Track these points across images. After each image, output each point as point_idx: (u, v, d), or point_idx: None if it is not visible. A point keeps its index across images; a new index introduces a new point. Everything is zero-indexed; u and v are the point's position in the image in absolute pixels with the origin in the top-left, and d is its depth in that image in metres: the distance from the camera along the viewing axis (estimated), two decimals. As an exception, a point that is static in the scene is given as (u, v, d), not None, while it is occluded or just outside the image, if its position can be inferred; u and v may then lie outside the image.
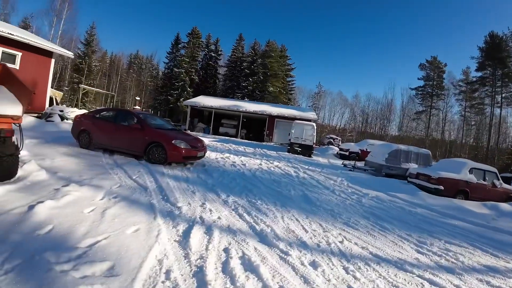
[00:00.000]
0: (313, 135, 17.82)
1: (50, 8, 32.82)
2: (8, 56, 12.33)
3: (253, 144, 20.10)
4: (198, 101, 29.57)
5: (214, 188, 5.50)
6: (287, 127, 24.83)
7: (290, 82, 51.82)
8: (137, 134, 7.49)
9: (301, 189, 6.72)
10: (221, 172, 7.38)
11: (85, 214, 3.53)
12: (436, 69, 44.03)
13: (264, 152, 14.91)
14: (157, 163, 7.15)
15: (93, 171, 5.79)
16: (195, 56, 48.25)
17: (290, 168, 10.22)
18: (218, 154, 11.03)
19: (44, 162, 5.97)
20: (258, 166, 9.36)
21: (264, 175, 7.81)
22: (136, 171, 6.20)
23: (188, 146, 7.31)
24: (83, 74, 39.52)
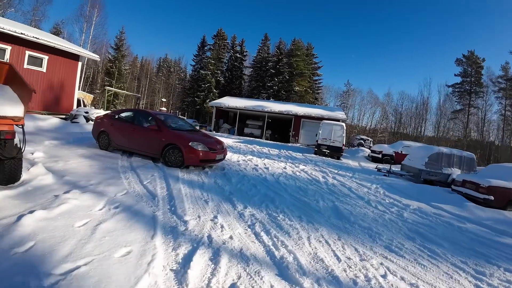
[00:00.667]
0: (343, 136, 16.62)
1: (80, 14, 34.35)
2: (35, 59, 12.70)
3: (278, 145, 19.29)
4: (223, 102, 29.37)
5: (230, 197, 4.83)
6: (314, 128, 23.73)
7: (317, 81, 50.18)
8: (154, 136, 7.09)
9: (331, 199, 5.83)
10: (241, 177, 6.71)
11: (75, 228, 3.02)
12: (474, 65, 40.08)
13: (289, 154, 14.06)
14: (173, 166, 6.69)
15: (104, 175, 5.40)
16: (221, 57, 48.50)
17: (318, 172, 9.30)
18: (241, 156, 10.41)
19: (56, 165, 5.72)
20: (282, 170, 8.57)
21: (288, 181, 7.01)
22: (149, 175, 5.73)
23: (206, 149, 6.75)
24: (113, 77, 41.15)
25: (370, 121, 55.60)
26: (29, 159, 5.84)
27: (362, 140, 28.23)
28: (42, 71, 13.05)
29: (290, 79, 44.57)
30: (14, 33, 11.26)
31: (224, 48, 49.45)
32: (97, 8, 34.20)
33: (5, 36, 11.26)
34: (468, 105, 39.97)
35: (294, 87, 43.99)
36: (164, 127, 7.19)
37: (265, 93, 44.99)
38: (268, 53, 49.09)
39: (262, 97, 43.97)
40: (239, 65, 49.89)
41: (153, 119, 7.52)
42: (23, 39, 11.75)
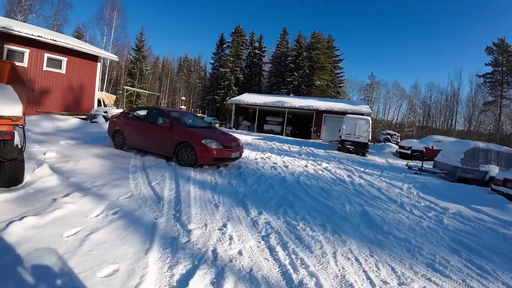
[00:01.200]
0: (368, 131, 15.55)
1: (100, 18, 35.25)
2: (54, 61, 12.89)
3: (299, 142, 18.56)
4: (242, 99, 28.96)
5: (244, 200, 4.31)
6: (337, 123, 22.67)
7: (339, 75, 48.35)
8: (166, 133, 6.75)
9: (358, 202, 5.14)
10: (257, 176, 6.17)
11: (63, 239, 2.65)
12: (505, 53, 36.50)
13: (311, 151, 13.32)
14: (187, 165, 6.31)
15: (112, 175, 5.11)
16: (240, 54, 48.14)
17: (342, 171, 8.55)
18: (259, 154, 9.88)
19: (66, 165, 5.53)
20: (303, 169, 7.93)
21: (310, 181, 6.38)
22: (159, 175, 5.37)
23: (220, 146, 6.28)
24: (135, 78, 42.10)
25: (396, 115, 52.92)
26: (39, 160, 5.71)
27: (389, 135, 26.64)
28: (62, 73, 13.24)
29: (310, 73, 43.29)
30: (31, 36, 11.44)
31: (242, 45, 49.00)
32: (116, 11, 35.02)
33: (23, 39, 11.47)
34: (500, 96, 36.65)
35: (315, 81, 42.67)
36: (176, 124, 6.83)
37: (285, 88, 44.08)
38: (287, 48, 48.01)
39: (282, 92, 43.11)
40: (258, 61, 49.25)
41: (165, 117, 7.19)
42: (40, 41, 11.93)
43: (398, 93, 52.80)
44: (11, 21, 13.61)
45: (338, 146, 15.91)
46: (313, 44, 44.10)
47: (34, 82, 12.25)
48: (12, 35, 11.03)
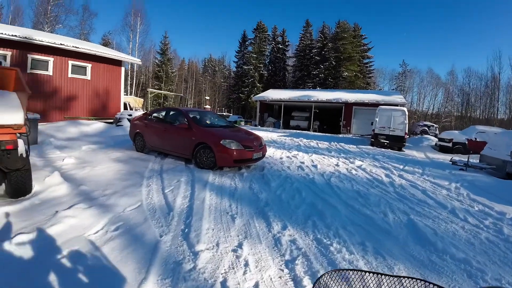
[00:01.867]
0: (404, 123, 14.13)
1: (125, 24, 36.63)
2: (79, 68, 13.22)
3: (328, 137, 17.52)
4: (266, 95, 28.33)
5: (266, 210, 3.69)
6: (369, 115, 21.26)
7: (368, 64, 45.77)
8: (184, 134, 6.37)
9: (403, 209, 4.29)
10: (283, 179, 5.52)
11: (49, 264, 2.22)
12: None
13: (341, 147, 12.36)
14: (205, 168, 5.86)
15: (125, 182, 4.78)
16: (263, 50, 47.45)
17: (379, 169, 7.61)
18: (285, 152, 9.21)
19: (80, 172, 5.32)
20: (334, 168, 7.13)
21: (342, 183, 5.60)
22: (175, 180, 4.95)
23: (241, 147, 5.74)
24: (162, 80, 43.17)
25: (431, 104, 49.11)
26: (56, 166, 5.58)
27: (426, 127, 24.44)
28: (87, 79, 13.57)
29: (337, 64, 41.43)
30: (54, 45, 11.76)
31: (265, 40, 48.22)
32: (139, 16, 36.11)
33: (46, 48, 11.84)
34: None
35: (343, 72, 40.75)
36: (194, 124, 6.41)
37: (311, 82, 42.66)
38: (311, 40, 46.41)
39: (307, 86, 41.78)
40: (282, 56, 48.22)
41: (183, 117, 6.80)
42: (64, 49, 12.26)
43: (433, 81, 49.00)
44: (33, 31, 14.18)
45: (371, 140, 14.70)
46: (338, 34, 42.14)
47: (60, 90, 12.65)
48: (35, 44, 11.40)
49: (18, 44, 11.07)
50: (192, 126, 6.35)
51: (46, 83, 12.23)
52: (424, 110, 49.40)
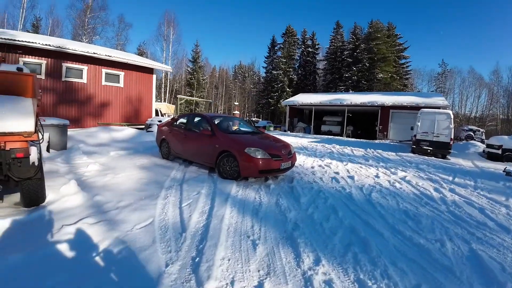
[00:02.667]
0: (450, 128, 12.59)
1: (158, 34, 38.29)
2: (112, 76, 13.63)
3: (363, 143, 16.32)
4: (296, 100, 27.59)
5: (294, 235, 3.05)
6: (407, 119, 19.70)
7: (404, 65, 43.09)
8: (207, 142, 5.96)
9: (461, 234, 3.41)
10: (314, 193, 4.83)
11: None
12: None
13: (379, 155, 11.26)
14: (229, 178, 5.38)
15: (143, 192, 4.45)
16: (292, 55, 46.80)
17: (426, 182, 6.58)
18: (316, 160, 8.47)
19: (101, 179, 5.13)
20: (374, 180, 6.26)
21: (386, 200, 4.76)
22: (195, 192, 4.51)
23: (267, 156, 5.16)
24: (193, 87, 44.23)
25: (474, 107, 44.80)
26: (78, 173, 5.46)
27: (471, 132, 22.00)
28: (120, 86, 13.96)
29: (371, 66, 39.43)
30: (87, 54, 12.20)
31: (294, 44, 47.55)
32: (172, 26, 37.43)
33: (80, 57, 12.33)
34: None
35: (377, 74, 38.68)
36: (218, 131, 5.97)
37: (343, 85, 41.04)
38: (343, 42, 44.82)
39: (339, 90, 40.24)
40: (312, 59, 47.14)
41: (206, 123, 6.42)
42: (97, 58, 12.71)
43: (476, 82, 45.00)
44: (66, 41, 14.94)
45: (413, 147, 13.31)
46: (371, 34, 40.20)
47: (93, 97, 13.10)
48: (69, 53, 11.89)
49: (53, 53, 11.59)
50: (216, 132, 5.92)
51: (80, 91, 12.71)
52: (467, 113, 45.43)
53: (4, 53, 10.65)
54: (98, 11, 30.64)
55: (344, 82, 41.17)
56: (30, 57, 11.30)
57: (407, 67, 43.61)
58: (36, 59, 11.48)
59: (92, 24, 30.32)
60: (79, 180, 5.09)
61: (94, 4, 30.29)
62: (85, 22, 29.34)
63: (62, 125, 8.20)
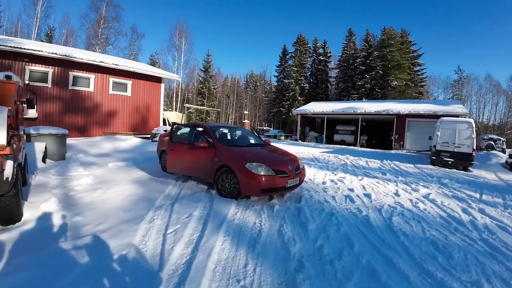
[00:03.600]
0: (472, 137, 11.64)
1: (170, 44, 38.87)
2: (119, 85, 13.45)
3: (378, 154, 15.41)
4: (308, 108, 26.91)
5: (297, 278, 2.39)
6: (425, 128, 18.70)
7: (419, 72, 41.74)
8: (205, 155, 5.37)
9: (498, 272, 2.71)
10: (325, 216, 4.14)
11: None
12: None
13: (397, 167, 10.40)
14: (228, 196, 4.79)
15: (129, 213, 3.95)
16: (303, 63, 46.36)
17: (451, 200, 5.75)
18: (328, 174, 7.77)
19: (91, 195, 4.76)
20: (394, 199, 5.50)
21: (409, 226, 4.01)
22: (186, 214, 3.95)
23: (271, 172, 4.54)
24: (204, 96, 44.29)
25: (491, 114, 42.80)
26: (67, 187, 5.10)
27: (492, 141, 20.60)
28: (127, 95, 13.77)
29: (384, 73, 38.42)
30: (94, 62, 12.05)
31: (305, 53, 47.13)
32: (183, 36, 37.93)
33: (87, 65, 12.19)
34: None
35: (391, 82, 37.58)
36: (217, 142, 5.39)
37: (356, 93, 40.07)
38: (355, 49, 44.00)
39: (352, 98, 39.31)
40: (324, 67, 46.47)
41: (205, 133, 5.88)
42: (104, 67, 12.56)
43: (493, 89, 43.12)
44: (73, 50, 14.92)
45: (432, 158, 12.37)
46: (384, 42, 39.34)
47: (100, 106, 12.90)
48: (76, 62, 11.75)
49: (60, 61, 11.48)
50: (215, 144, 5.33)
51: (87, 99, 12.55)
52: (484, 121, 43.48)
53: (11, 61, 10.64)
54: (111, 21, 31.29)
55: (357, 90, 40.20)
56: (37, 65, 11.22)
57: (422, 74, 42.26)
58: (43, 67, 11.39)
59: (106, 34, 30.91)
60: (66, 196, 4.71)
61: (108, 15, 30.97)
62: (98, 32, 29.92)
63: (60, 134, 7.91)
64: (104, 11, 30.57)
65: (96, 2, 30.56)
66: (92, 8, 30.57)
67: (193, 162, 5.66)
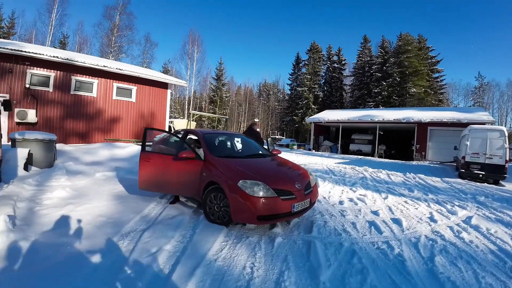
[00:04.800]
0: (505, 147, 10.26)
1: (183, 53, 38.84)
2: (124, 90, 12.89)
3: (399, 165, 14.00)
4: (322, 116, 25.72)
5: None
6: (449, 138, 17.26)
7: (438, 79, 39.79)
8: (191, 168, 4.27)
9: None
10: (344, 257, 3.01)
11: None
12: None
13: (423, 181, 9.06)
14: (218, 222, 3.75)
15: (85, 242, 3.11)
16: (317, 71, 45.30)
17: (496, 225, 4.47)
18: (346, 191, 6.60)
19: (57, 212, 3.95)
20: (430, 227, 4.27)
21: (458, 270, 2.82)
22: (155, 247, 2.98)
23: (271, 193, 3.45)
24: (216, 105, 43.89)
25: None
26: (37, 201, 4.43)
27: None
28: (132, 101, 13.18)
29: (402, 80, 36.78)
30: (97, 66, 11.53)
31: (319, 61, 46.08)
32: (196, 45, 37.90)
33: (90, 70, 11.68)
34: None
35: (409, 89, 35.84)
36: (208, 152, 4.29)
37: (372, 101, 38.49)
38: (371, 56, 42.61)
39: (368, 106, 37.73)
40: (338, 75, 45.19)
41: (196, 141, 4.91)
42: (108, 72, 12.03)
43: None
44: (75, 54, 14.55)
45: (461, 171, 10.96)
46: (401, 48, 37.83)
47: (103, 112, 12.31)
48: (79, 66, 11.26)
49: (62, 65, 11.02)
50: (206, 155, 4.26)
51: (89, 105, 12.02)
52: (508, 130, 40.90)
53: (12, 64, 10.24)
54: (124, 29, 31.45)
55: (373, 98, 38.61)
56: (38, 69, 10.79)
57: (441, 81, 40.28)
58: (45, 71, 10.95)
59: (119, 43, 31.05)
60: (30, 211, 3.93)
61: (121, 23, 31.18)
62: (112, 41, 30.10)
63: (47, 140, 7.21)
64: (118, 20, 30.84)
65: (109, 10, 30.94)
66: (106, 17, 30.96)
67: (175, 177, 4.44)
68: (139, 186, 4.68)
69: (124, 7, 31.32)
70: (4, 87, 10.10)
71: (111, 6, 31.08)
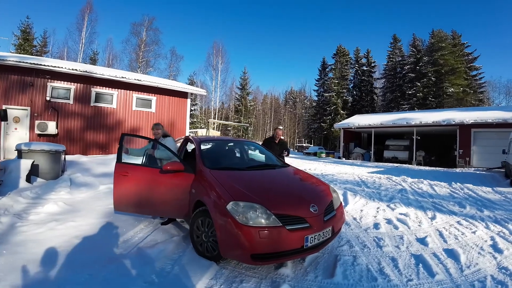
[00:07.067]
0: None
1: (208, 64, 39.93)
2: (143, 101, 12.96)
3: (441, 173, 12.23)
4: (352, 122, 24.17)
5: None
6: (495, 140, 15.21)
7: (476, 77, 36.11)
8: (179, 183, 3.40)
9: None
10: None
11: None
12: None
13: (472, 192, 7.43)
14: (207, 256, 2.83)
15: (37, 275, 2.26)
16: (345, 75, 43.45)
17: None
18: (382, 208, 5.37)
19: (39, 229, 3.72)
20: (496, 262, 2.98)
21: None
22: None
23: (273, 220, 2.47)
24: (241, 114, 43.77)
25: None
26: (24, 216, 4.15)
27: None
28: (152, 111, 13.21)
29: (438, 80, 33.93)
30: (115, 78, 11.63)
31: (347, 64, 44.21)
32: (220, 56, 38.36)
33: (109, 82, 11.82)
34: None
35: (446, 89, 32.83)
36: (201, 163, 3.43)
37: (406, 103, 35.82)
38: (402, 56, 39.97)
39: (402, 109, 35.14)
40: (368, 78, 42.93)
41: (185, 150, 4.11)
42: (127, 83, 12.13)
43: None
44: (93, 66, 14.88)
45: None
46: (434, 45, 35.11)
47: (123, 122, 12.32)
48: (98, 78, 11.39)
49: (82, 78, 11.21)
50: (199, 166, 3.40)
51: (109, 116, 12.09)
52: None
53: (33, 77, 10.47)
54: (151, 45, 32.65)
55: (407, 100, 35.91)
56: (58, 82, 11.00)
57: (480, 79, 36.48)
58: (65, 84, 11.16)
59: (146, 57, 32.28)
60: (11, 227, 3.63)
61: (148, 39, 32.37)
62: (139, 56, 31.31)
63: (54, 151, 7.02)
64: (145, 35, 32.06)
65: (136, 27, 32.38)
66: (133, 33, 32.41)
67: (159, 195, 3.51)
68: (114, 207, 3.75)
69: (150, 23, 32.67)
70: (25, 100, 10.31)
71: (138, 23, 32.72)
